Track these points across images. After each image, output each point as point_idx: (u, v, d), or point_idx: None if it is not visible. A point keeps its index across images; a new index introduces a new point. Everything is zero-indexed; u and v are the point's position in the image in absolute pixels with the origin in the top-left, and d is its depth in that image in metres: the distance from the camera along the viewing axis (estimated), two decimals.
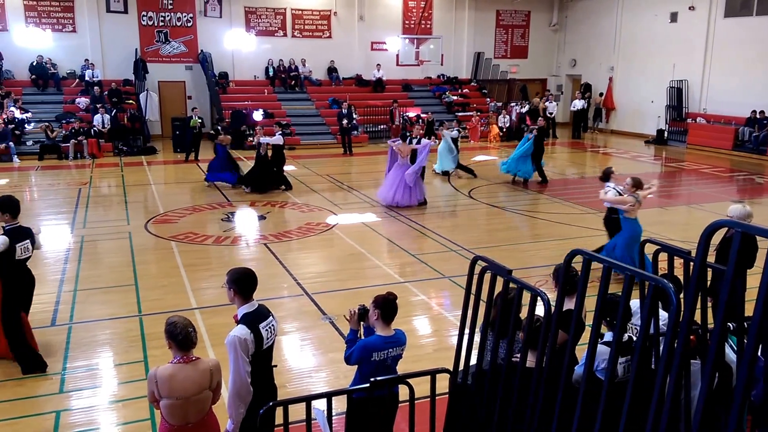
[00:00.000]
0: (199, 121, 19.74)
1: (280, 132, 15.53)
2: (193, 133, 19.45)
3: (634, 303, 4.71)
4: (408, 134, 14.27)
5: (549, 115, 25.30)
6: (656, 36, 24.55)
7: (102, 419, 5.59)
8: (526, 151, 15.87)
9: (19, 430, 5.34)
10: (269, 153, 14.88)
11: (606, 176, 9.32)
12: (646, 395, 3.66)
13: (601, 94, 27.02)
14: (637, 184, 8.56)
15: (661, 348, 3.72)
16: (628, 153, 21.73)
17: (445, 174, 17.00)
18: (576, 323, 3.34)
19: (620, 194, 8.78)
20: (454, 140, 16.96)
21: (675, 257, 3.90)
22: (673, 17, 23.89)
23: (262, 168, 14.88)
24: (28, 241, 6.27)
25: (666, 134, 24.08)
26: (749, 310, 3.28)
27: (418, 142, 13.56)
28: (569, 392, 3.36)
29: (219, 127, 17.12)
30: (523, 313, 3.96)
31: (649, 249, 4.01)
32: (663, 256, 3.99)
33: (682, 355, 2.69)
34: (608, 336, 4.20)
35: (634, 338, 4.23)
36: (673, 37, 23.79)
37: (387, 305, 4.30)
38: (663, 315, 4.36)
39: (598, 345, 3.76)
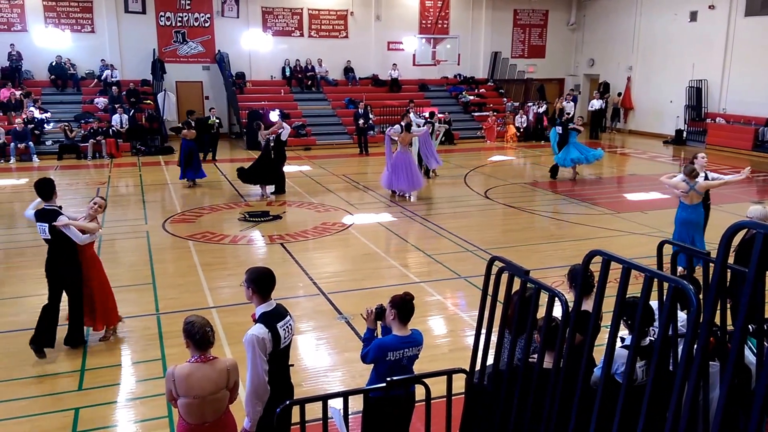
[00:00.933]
0: (217, 121, 19.87)
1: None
2: (210, 133, 19.57)
3: (653, 304, 4.68)
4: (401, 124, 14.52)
5: (567, 115, 25.13)
6: (675, 35, 24.32)
7: (120, 416, 5.65)
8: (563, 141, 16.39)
9: (39, 426, 5.40)
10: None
11: (692, 171, 9.11)
12: (665, 397, 3.64)
13: (619, 94, 26.81)
14: (689, 173, 8.84)
15: (679, 350, 3.70)
16: (646, 153, 21.56)
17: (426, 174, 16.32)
18: (593, 324, 3.32)
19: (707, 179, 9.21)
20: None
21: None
22: (693, 16, 23.67)
23: (261, 163, 14.43)
24: (45, 224, 6.52)
25: (685, 134, 23.87)
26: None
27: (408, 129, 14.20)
28: (587, 394, 3.34)
29: (183, 123, 16.74)
30: (540, 314, 3.93)
31: (668, 250, 3.97)
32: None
33: (702, 357, 2.66)
34: (628, 340, 4.16)
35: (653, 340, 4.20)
36: (693, 37, 23.56)
37: (404, 305, 4.30)
38: (680, 316, 4.33)
39: (617, 348, 3.74)
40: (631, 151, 22.27)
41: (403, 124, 14.38)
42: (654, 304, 4.66)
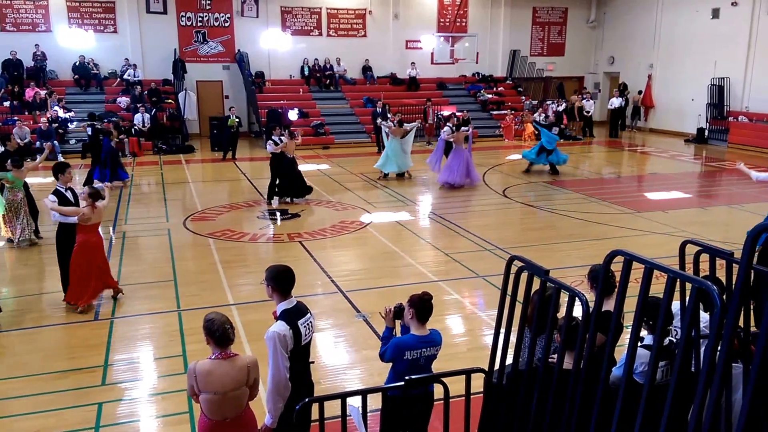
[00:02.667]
0: (237, 120, 20.00)
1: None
2: (230, 132, 19.71)
3: (674, 304, 4.65)
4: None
5: (586, 113, 25.01)
6: (697, 32, 24.04)
7: (142, 411, 5.72)
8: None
9: (62, 420, 5.49)
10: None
11: None
12: (686, 398, 3.62)
13: (640, 92, 26.56)
14: None
15: (702, 351, 3.67)
16: (667, 152, 21.36)
17: (385, 177, 16.28)
18: (615, 325, 3.31)
19: None
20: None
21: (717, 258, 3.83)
22: (715, 13, 23.38)
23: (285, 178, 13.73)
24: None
25: (706, 133, 23.58)
26: None
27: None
28: (607, 395, 3.33)
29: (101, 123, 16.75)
30: (560, 314, 3.93)
31: (690, 250, 3.94)
32: (704, 257, 3.93)
33: (725, 358, 2.64)
34: (648, 339, 4.14)
35: (674, 341, 4.17)
36: (715, 34, 23.27)
37: (422, 305, 4.31)
38: (703, 317, 4.29)
39: (638, 348, 3.72)
40: (651, 150, 22.07)
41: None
42: (675, 304, 4.63)
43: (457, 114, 24.03)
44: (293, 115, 22.67)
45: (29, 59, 22.24)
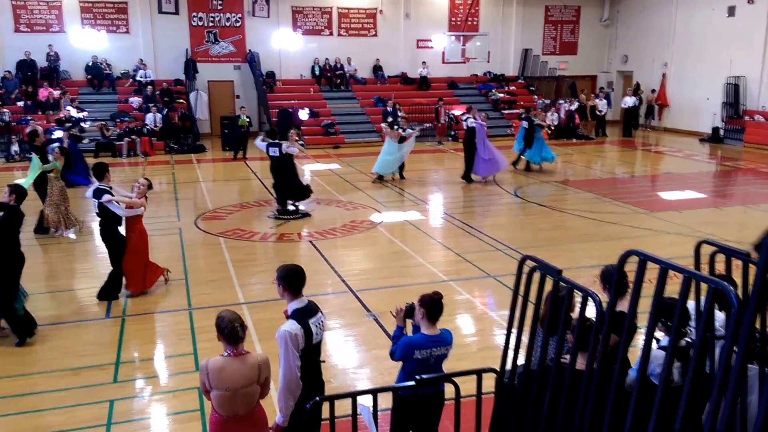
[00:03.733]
0: (247, 120, 20.05)
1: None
2: (241, 132, 19.75)
3: (689, 304, 4.59)
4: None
5: (599, 113, 24.85)
6: (712, 30, 23.82)
7: (153, 409, 5.74)
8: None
9: (75, 417, 5.51)
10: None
11: None
12: (701, 399, 3.58)
13: (653, 91, 26.37)
14: None
15: (717, 352, 3.63)
16: (681, 151, 21.19)
17: (381, 178, 15.88)
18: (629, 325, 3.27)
19: None
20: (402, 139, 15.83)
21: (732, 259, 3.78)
22: (731, 11, 23.16)
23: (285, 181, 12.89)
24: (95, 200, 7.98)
25: (722, 132, 23.37)
26: None
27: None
28: (620, 396, 3.29)
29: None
30: (573, 315, 3.89)
31: (706, 250, 3.89)
32: (719, 257, 3.89)
33: (741, 360, 2.60)
34: (664, 341, 4.09)
35: (689, 341, 4.12)
36: (731, 32, 23.04)
37: (432, 304, 4.29)
38: (717, 317, 4.24)
39: (654, 349, 3.68)
40: (665, 149, 21.90)
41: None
42: (689, 304, 4.58)
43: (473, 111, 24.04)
44: (304, 114, 22.68)
45: (43, 59, 22.40)
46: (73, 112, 20.54)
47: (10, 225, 6.81)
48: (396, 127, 16.19)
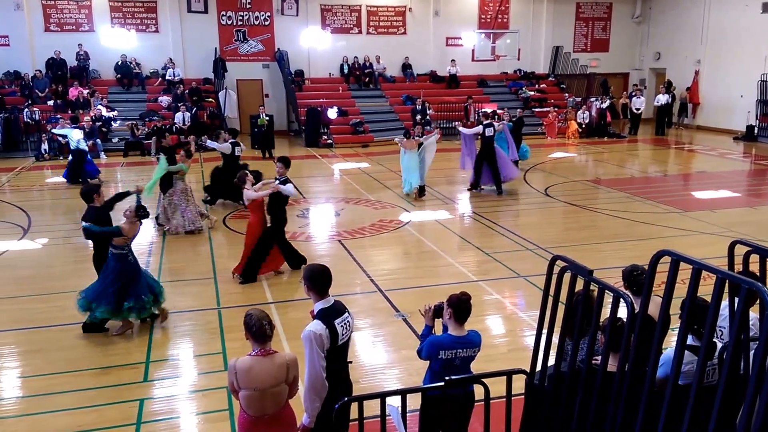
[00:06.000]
0: (267, 119, 20.13)
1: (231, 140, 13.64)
2: (262, 131, 19.81)
3: (722, 305, 4.50)
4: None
5: (636, 110, 24.47)
6: (746, 27, 23.34)
7: (183, 408, 5.77)
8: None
9: (105, 416, 5.56)
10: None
11: None
12: (735, 401, 3.49)
13: (688, 89, 25.90)
14: None
15: (751, 353, 3.54)
16: (715, 150, 20.79)
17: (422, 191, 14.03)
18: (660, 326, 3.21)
19: None
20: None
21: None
22: (765, 7, 22.66)
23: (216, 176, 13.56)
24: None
25: (756, 130, 22.86)
26: None
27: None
28: (651, 398, 3.23)
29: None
30: (604, 315, 3.83)
31: (740, 250, 3.80)
32: (753, 258, 3.79)
33: None
34: (690, 340, 4.01)
35: (719, 343, 4.04)
36: (765, 29, 22.55)
37: (460, 305, 4.25)
38: (750, 317, 4.14)
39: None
40: (699, 148, 21.50)
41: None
42: (722, 305, 4.48)
43: (498, 112, 23.84)
44: (332, 113, 22.72)
45: (72, 59, 22.74)
46: (103, 111, 20.86)
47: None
48: (412, 135, 14.36)
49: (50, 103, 21.47)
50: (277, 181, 8.74)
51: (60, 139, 18.64)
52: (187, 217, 11.26)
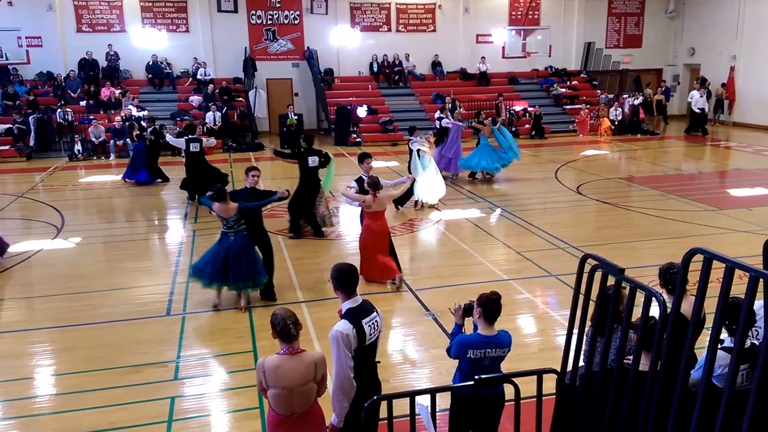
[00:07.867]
0: (295, 118, 20.16)
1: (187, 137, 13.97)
2: (290, 131, 19.84)
3: (756, 304, 4.38)
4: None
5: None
6: None
7: (213, 406, 5.81)
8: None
9: (136, 414, 5.61)
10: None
11: None
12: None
13: (723, 85, 25.38)
14: None
15: None
16: (751, 146, 20.33)
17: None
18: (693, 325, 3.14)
19: None
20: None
21: None
22: None
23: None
24: None
25: None
26: None
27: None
28: (684, 398, 3.17)
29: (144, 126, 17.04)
30: (636, 314, 3.76)
31: None
32: None
33: None
34: (728, 341, 3.92)
35: (756, 343, 3.93)
36: None
37: (489, 304, 4.21)
38: None
39: (718, 350, 3.52)
40: (735, 145, 21.06)
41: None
42: (756, 303, 4.36)
43: (530, 109, 23.68)
44: (362, 111, 22.74)
45: (104, 59, 23.03)
46: (134, 111, 21.09)
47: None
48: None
49: (82, 103, 21.81)
50: (366, 177, 8.88)
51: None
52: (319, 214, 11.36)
